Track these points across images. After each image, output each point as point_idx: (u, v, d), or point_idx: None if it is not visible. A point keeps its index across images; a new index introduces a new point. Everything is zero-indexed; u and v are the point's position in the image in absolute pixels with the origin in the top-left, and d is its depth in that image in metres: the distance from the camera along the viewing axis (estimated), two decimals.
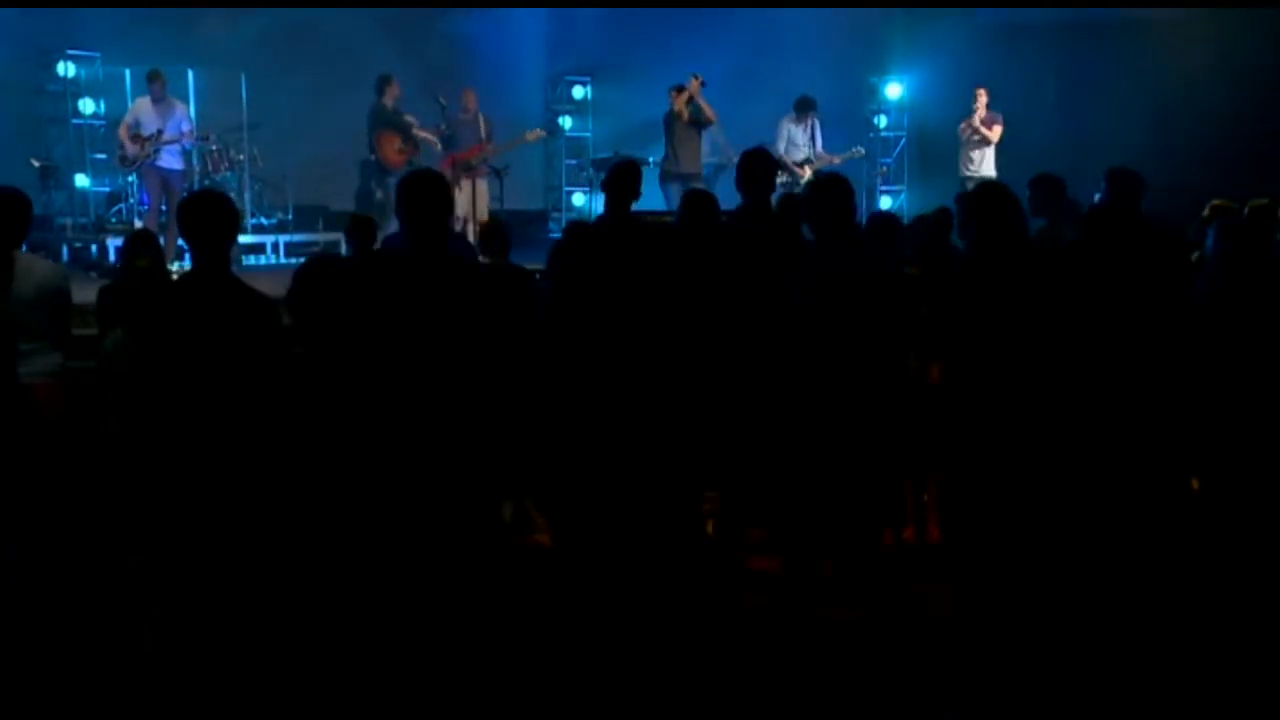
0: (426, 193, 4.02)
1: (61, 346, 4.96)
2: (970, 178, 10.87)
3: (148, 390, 3.89)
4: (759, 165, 5.17)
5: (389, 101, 10.28)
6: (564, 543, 4.55)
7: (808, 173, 10.84)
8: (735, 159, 5.33)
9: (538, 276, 6.09)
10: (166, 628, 3.83)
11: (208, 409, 3.78)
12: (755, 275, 4.75)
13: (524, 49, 13.20)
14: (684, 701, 3.76)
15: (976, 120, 11.02)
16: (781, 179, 10.62)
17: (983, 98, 11.02)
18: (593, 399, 4.37)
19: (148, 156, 9.67)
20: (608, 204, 5.87)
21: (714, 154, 11.21)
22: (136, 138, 9.67)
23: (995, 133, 10.98)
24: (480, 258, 6.04)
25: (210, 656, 3.73)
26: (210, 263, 3.87)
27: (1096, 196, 7.55)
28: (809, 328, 4.38)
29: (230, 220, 3.99)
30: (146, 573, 3.92)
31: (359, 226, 6.55)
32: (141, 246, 5.58)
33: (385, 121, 10.23)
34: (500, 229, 6.07)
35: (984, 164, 11.00)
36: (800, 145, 11.00)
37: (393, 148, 10.22)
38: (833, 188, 4.59)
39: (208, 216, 3.89)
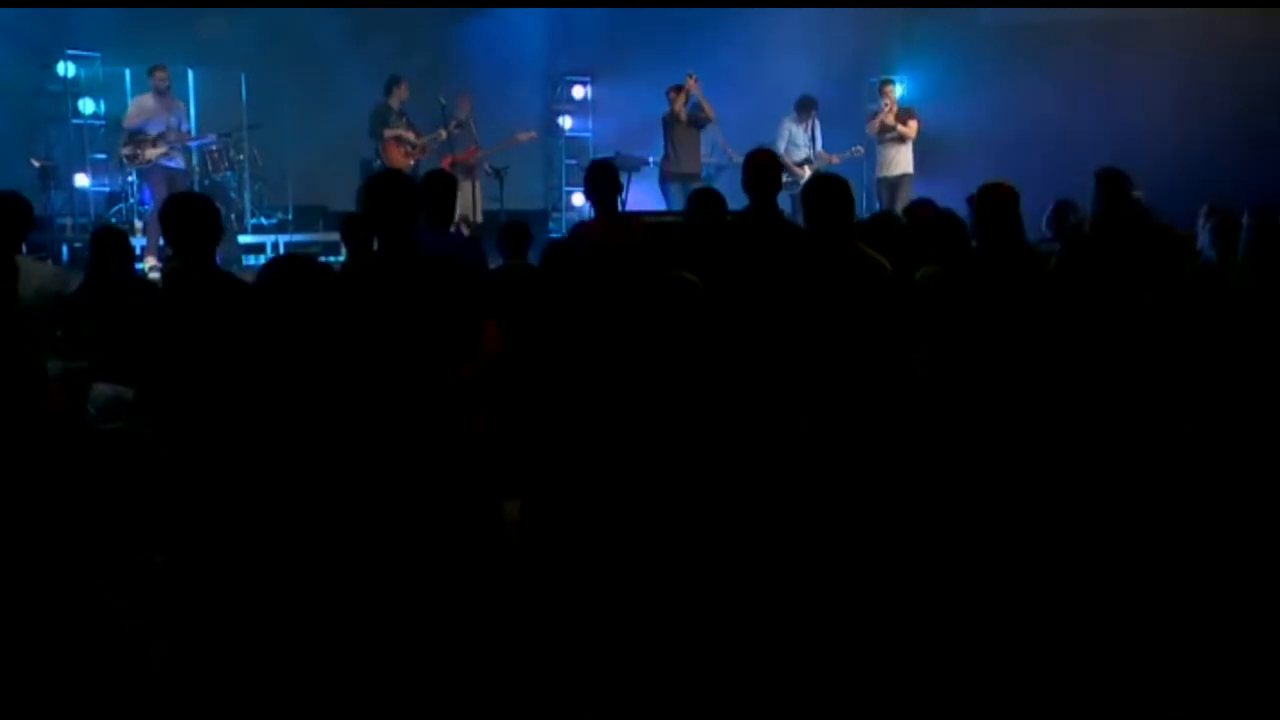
0: (389, 193, 4.03)
1: (61, 350, 4.97)
2: (886, 179, 10.81)
3: (156, 392, 3.90)
4: (764, 166, 5.17)
5: (394, 103, 10.29)
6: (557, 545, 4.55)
7: (808, 172, 10.84)
8: (736, 158, 5.35)
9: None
10: (171, 626, 3.84)
11: (202, 410, 3.79)
12: (762, 275, 4.75)
13: (524, 49, 13.19)
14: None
15: (890, 117, 10.77)
16: (784, 179, 10.63)
17: (893, 93, 10.88)
18: (598, 401, 4.36)
19: (163, 155, 9.67)
20: (596, 206, 5.84)
21: (714, 154, 11.21)
22: (161, 137, 9.64)
23: (911, 128, 10.74)
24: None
25: (212, 656, 3.73)
26: (193, 264, 3.87)
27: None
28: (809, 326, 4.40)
29: (212, 223, 3.98)
30: (165, 573, 3.93)
31: (353, 226, 6.38)
32: (119, 245, 5.53)
33: (390, 125, 10.23)
34: (518, 230, 6.05)
35: (903, 162, 10.81)
36: (801, 145, 11.00)
37: (399, 152, 10.23)
38: (829, 187, 4.61)
39: (189, 220, 3.89)
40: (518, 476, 4.80)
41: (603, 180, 5.77)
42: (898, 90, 10.98)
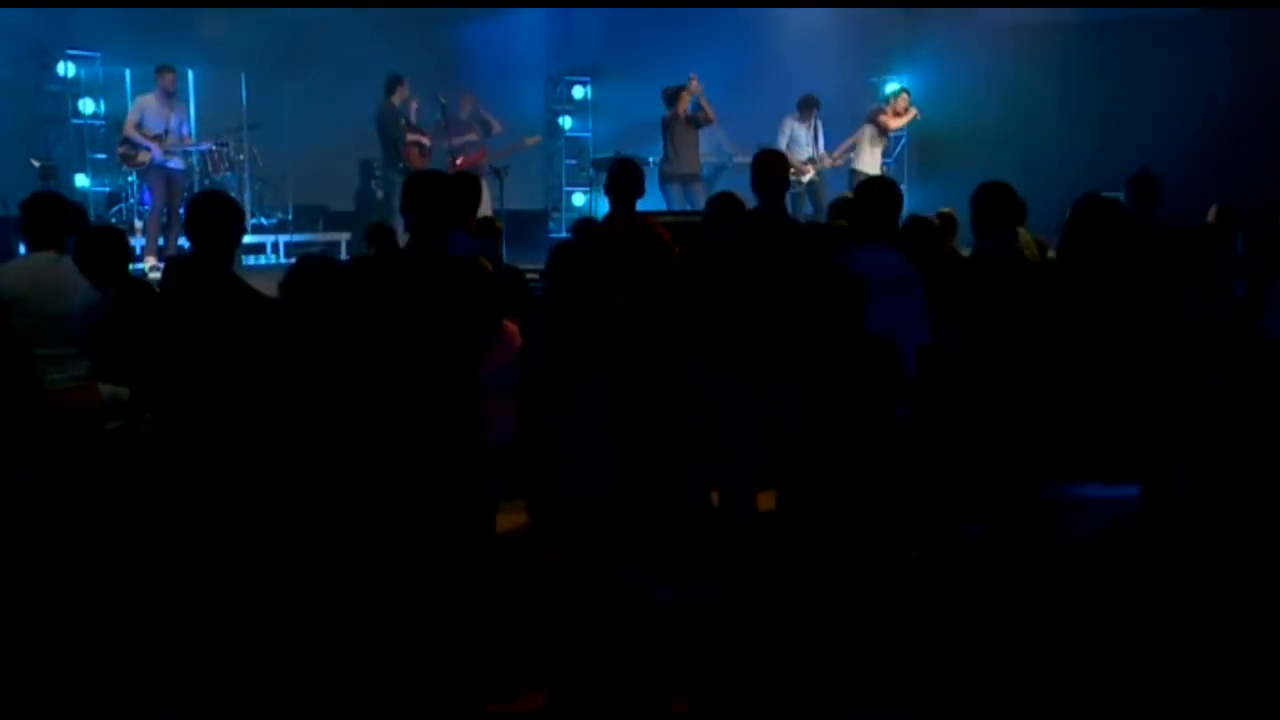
0: (430, 192, 4.10)
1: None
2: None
3: (156, 390, 3.89)
4: (772, 166, 5.17)
5: (397, 101, 10.29)
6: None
7: (811, 172, 10.82)
8: (739, 158, 5.34)
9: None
10: (169, 625, 3.83)
11: (208, 409, 3.78)
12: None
13: (524, 49, 13.19)
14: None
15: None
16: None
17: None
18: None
19: (159, 155, 9.65)
20: (613, 204, 5.82)
21: (715, 154, 11.19)
22: (159, 138, 9.62)
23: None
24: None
25: (209, 656, 3.73)
26: (214, 263, 3.87)
27: None
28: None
29: (238, 221, 4.01)
30: (154, 571, 3.92)
31: (379, 234, 6.73)
32: (118, 245, 5.53)
33: (399, 125, 10.24)
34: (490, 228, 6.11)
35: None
36: (804, 144, 10.95)
37: (417, 150, 10.24)
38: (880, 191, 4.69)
39: (217, 217, 3.89)
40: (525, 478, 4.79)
41: (626, 179, 5.81)
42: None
